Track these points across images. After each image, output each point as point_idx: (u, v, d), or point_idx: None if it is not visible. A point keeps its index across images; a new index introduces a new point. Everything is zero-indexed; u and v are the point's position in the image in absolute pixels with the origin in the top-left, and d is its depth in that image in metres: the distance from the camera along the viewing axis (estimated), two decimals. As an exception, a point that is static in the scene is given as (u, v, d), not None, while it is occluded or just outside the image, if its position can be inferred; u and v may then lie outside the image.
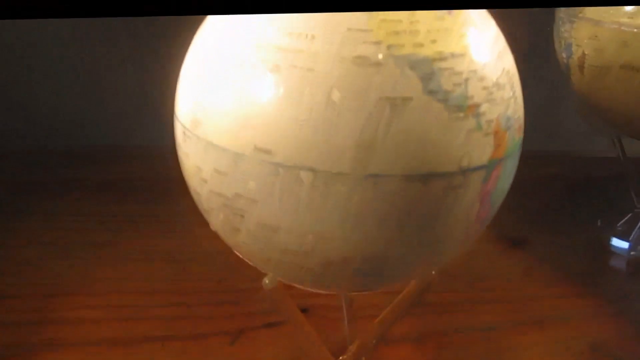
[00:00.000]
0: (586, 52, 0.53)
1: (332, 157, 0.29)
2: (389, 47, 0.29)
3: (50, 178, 0.69)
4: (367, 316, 0.41)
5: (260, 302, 0.39)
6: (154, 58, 0.72)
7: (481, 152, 0.31)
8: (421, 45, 0.30)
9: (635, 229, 0.60)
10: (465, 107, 0.30)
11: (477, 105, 0.31)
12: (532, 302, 0.54)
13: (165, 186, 0.38)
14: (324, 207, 0.30)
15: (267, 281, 0.36)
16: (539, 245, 0.61)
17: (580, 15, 0.53)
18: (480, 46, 0.32)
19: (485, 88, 0.31)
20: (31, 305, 0.50)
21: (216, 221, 0.33)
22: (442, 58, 0.30)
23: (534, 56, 0.69)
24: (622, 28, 0.50)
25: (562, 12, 0.56)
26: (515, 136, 0.33)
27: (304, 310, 0.49)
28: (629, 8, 0.50)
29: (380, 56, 0.29)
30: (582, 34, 0.53)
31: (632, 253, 0.60)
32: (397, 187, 0.30)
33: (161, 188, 0.39)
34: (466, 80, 0.30)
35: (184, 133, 0.32)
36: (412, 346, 0.48)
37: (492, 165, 0.32)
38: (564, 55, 0.56)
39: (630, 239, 0.60)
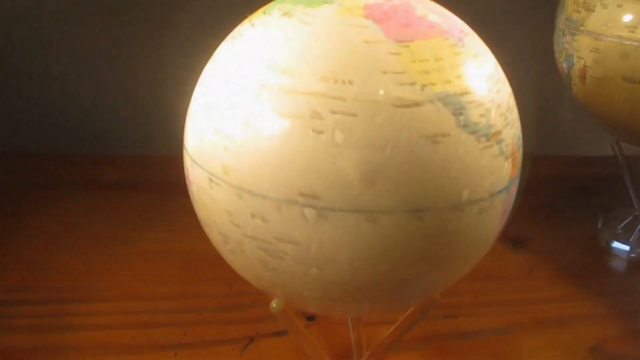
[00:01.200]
0: (587, 64, 0.53)
1: (378, 197, 0.29)
2: (423, 87, 0.30)
3: (64, 181, 0.69)
4: (373, 323, 0.42)
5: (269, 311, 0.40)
6: (169, 67, 0.72)
7: (504, 174, 0.32)
8: (449, 82, 0.30)
9: (636, 232, 0.61)
10: (490, 136, 0.31)
11: (499, 132, 0.32)
12: (534, 304, 0.54)
13: (178, 189, 0.38)
14: (372, 244, 0.30)
15: (274, 305, 0.36)
16: (540, 246, 0.62)
17: (582, 28, 0.53)
18: (491, 75, 0.33)
19: (502, 115, 0.32)
20: (42, 311, 0.50)
21: (241, 259, 0.33)
22: (467, 92, 0.31)
23: (534, 58, 0.69)
24: (623, 41, 0.50)
25: (562, 24, 0.56)
26: (521, 151, 0.35)
27: (310, 319, 0.50)
28: (629, 21, 0.50)
29: (418, 96, 0.29)
30: (583, 46, 0.53)
31: (632, 255, 0.60)
32: (441, 219, 0.30)
33: (174, 191, 0.39)
34: (488, 110, 0.31)
35: (210, 180, 0.31)
36: (417, 351, 0.48)
37: (510, 184, 0.33)
38: (564, 65, 0.56)
39: (630, 241, 0.61)
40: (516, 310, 0.53)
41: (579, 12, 0.53)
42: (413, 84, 0.29)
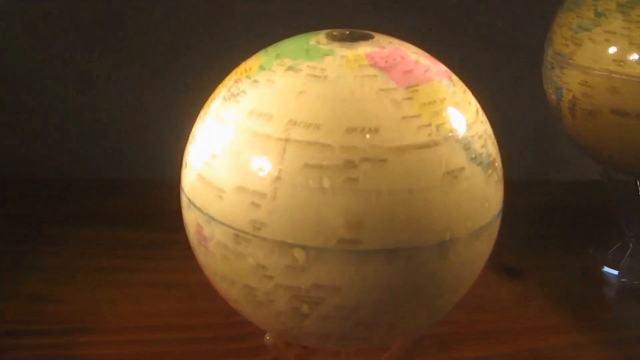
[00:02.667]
0: (577, 97, 0.53)
1: (414, 232, 0.30)
2: (437, 127, 0.31)
3: (66, 211, 0.69)
4: (366, 353, 0.42)
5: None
6: (169, 95, 0.72)
7: (500, 197, 0.35)
8: (455, 120, 0.32)
9: (625, 257, 0.61)
10: (490, 164, 0.33)
11: (495, 160, 0.34)
12: (527, 334, 0.54)
13: (176, 218, 0.38)
14: (404, 281, 0.31)
15: (268, 337, 0.37)
16: (535, 275, 0.61)
17: (570, 61, 0.53)
18: (478, 107, 0.35)
19: (493, 143, 0.35)
20: (45, 342, 0.50)
21: (267, 309, 0.33)
22: (470, 127, 0.33)
23: (523, 87, 0.69)
24: (612, 75, 0.51)
25: (551, 57, 0.56)
26: None
27: (305, 347, 0.50)
28: (617, 55, 0.50)
29: (436, 137, 0.31)
30: (572, 80, 0.53)
31: (622, 280, 0.60)
32: (466, 246, 0.32)
33: (173, 220, 0.39)
34: (485, 140, 0.34)
35: (237, 236, 0.31)
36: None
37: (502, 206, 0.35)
38: (554, 97, 0.56)
39: (620, 266, 0.61)
40: (509, 339, 0.53)
41: (567, 45, 0.54)
42: (429, 125, 0.31)
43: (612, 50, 0.51)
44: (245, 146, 0.31)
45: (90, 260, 0.61)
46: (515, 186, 0.39)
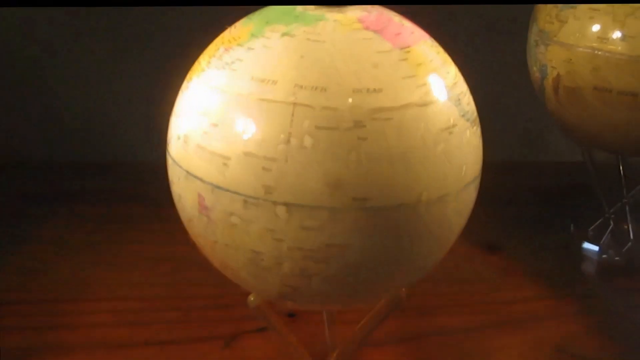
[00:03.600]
0: (561, 74, 0.53)
1: (417, 187, 0.31)
2: (432, 86, 0.32)
3: (54, 188, 0.70)
4: (348, 321, 0.42)
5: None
6: (161, 74, 0.72)
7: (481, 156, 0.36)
8: (445, 78, 0.33)
9: (606, 234, 0.61)
10: (474, 120, 0.35)
11: (476, 116, 0.35)
12: (507, 305, 0.54)
13: (162, 195, 0.38)
14: (403, 235, 0.32)
15: (252, 298, 0.37)
16: (515, 250, 0.62)
17: (555, 39, 0.53)
18: (455, 67, 0.36)
19: (472, 100, 0.36)
20: (36, 310, 0.51)
21: (273, 275, 0.33)
22: (456, 84, 0.34)
23: (508, 69, 0.70)
24: (595, 52, 0.51)
25: (535, 35, 0.56)
26: None
27: (291, 315, 0.51)
28: (600, 33, 0.51)
29: (432, 95, 0.32)
30: (556, 57, 0.53)
31: (603, 256, 0.61)
32: (472, 192, 0.35)
33: (159, 196, 0.39)
34: (469, 97, 0.35)
35: (246, 201, 0.31)
36: (392, 348, 0.49)
37: None
38: (538, 75, 0.56)
39: (600, 243, 0.61)
40: (488, 310, 0.53)
41: (552, 23, 0.54)
42: (424, 84, 0.32)
43: (596, 27, 0.51)
44: (252, 112, 0.31)
45: (79, 234, 0.61)
46: (500, 167, 0.40)
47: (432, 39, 0.35)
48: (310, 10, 0.33)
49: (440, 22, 0.43)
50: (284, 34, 0.32)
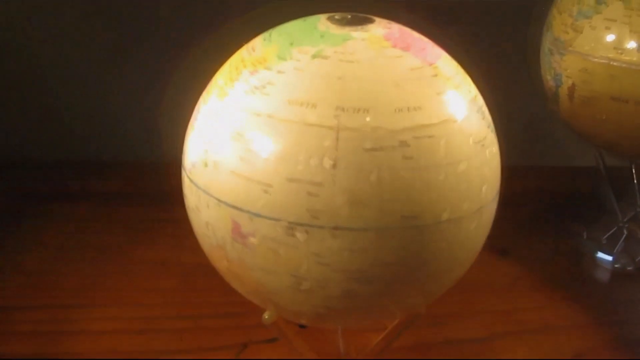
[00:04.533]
0: (576, 83, 0.52)
1: (459, 201, 0.32)
2: (462, 99, 0.33)
3: (65, 190, 0.69)
4: (362, 332, 0.42)
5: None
6: (163, 75, 0.71)
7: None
8: (469, 91, 0.34)
9: (620, 242, 0.60)
10: (494, 130, 0.36)
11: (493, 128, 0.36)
12: (518, 313, 0.53)
13: (174, 197, 0.37)
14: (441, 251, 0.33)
15: (266, 316, 0.36)
16: (526, 256, 0.61)
17: (570, 48, 0.52)
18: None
19: (487, 111, 0.36)
20: (41, 317, 0.50)
21: (312, 297, 0.33)
22: (476, 96, 0.35)
23: (520, 73, 0.69)
24: (611, 62, 0.50)
25: (550, 43, 0.55)
26: None
27: (302, 327, 0.50)
28: (617, 43, 0.50)
29: (464, 109, 0.33)
30: (571, 66, 0.52)
31: (616, 265, 0.60)
32: (496, 202, 0.35)
33: (170, 199, 0.39)
34: (484, 107, 0.36)
35: (290, 228, 0.30)
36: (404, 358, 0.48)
37: None
38: (552, 83, 0.55)
39: (614, 251, 0.60)
40: (500, 319, 0.52)
41: (567, 32, 0.53)
42: (456, 99, 0.33)
43: (612, 37, 0.50)
44: (293, 137, 0.30)
45: (89, 238, 0.60)
46: (512, 171, 0.39)
47: (445, 52, 0.35)
48: (333, 29, 0.33)
49: (441, 24, 0.42)
50: (315, 56, 0.31)
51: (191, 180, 0.34)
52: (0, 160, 0.70)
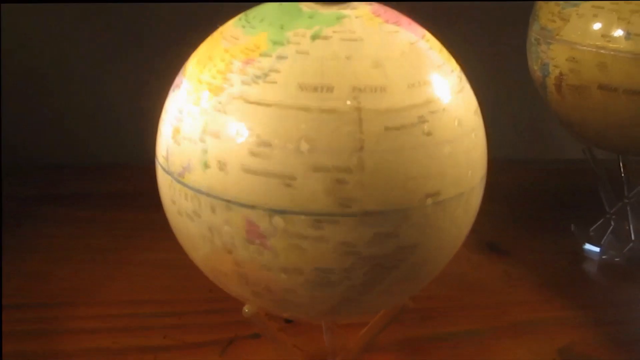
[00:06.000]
0: (564, 73, 0.51)
1: (468, 173, 0.31)
2: (456, 71, 0.33)
3: (55, 193, 0.68)
4: (348, 326, 0.40)
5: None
6: (160, 78, 0.70)
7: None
8: (456, 66, 0.34)
9: (607, 234, 0.59)
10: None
11: None
12: (508, 308, 0.52)
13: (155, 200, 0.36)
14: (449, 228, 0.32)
15: (246, 310, 0.34)
16: (516, 251, 0.60)
17: (557, 37, 0.51)
18: None
19: None
20: (34, 316, 0.49)
21: (335, 290, 0.31)
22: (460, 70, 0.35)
23: (508, 65, 0.68)
24: (599, 50, 0.49)
25: (536, 33, 0.54)
26: None
27: (288, 321, 0.48)
28: (605, 31, 0.49)
29: (462, 81, 0.33)
30: (559, 55, 0.51)
31: (603, 257, 0.59)
32: (479, 191, 0.33)
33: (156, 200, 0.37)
34: None
35: (318, 221, 0.28)
36: (392, 354, 0.47)
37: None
38: (540, 74, 0.54)
39: (601, 243, 0.59)
40: (490, 313, 0.51)
41: (554, 21, 0.51)
42: (453, 71, 0.32)
43: (600, 25, 0.49)
44: (313, 123, 0.28)
45: (83, 240, 0.59)
46: (500, 165, 0.38)
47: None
48: (319, 9, 0.31)
49: (438, 18, 0.41)
50: (313, 37, 0.30)
51: (185, 185, 0.31)
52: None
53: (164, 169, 0.32)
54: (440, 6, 0.71)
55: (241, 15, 0.33)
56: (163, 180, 0.33)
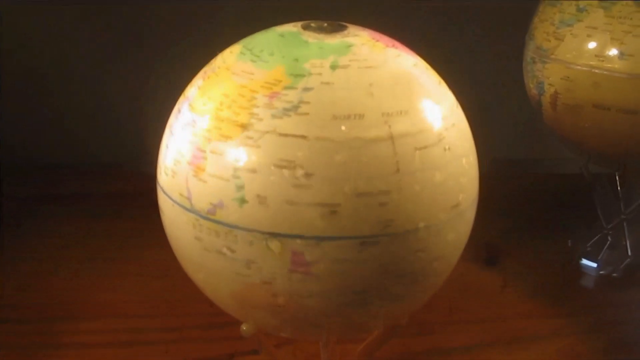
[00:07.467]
0: (558, 91, 0.51)
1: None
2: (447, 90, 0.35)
3: (51, 196, 0.68)
4: (345, 342, 0.40)
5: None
6: (157, 81, 0.70)
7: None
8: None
9: (604, 249, 0.59)
10: None
11: None
12: (505, 321, 0.52)
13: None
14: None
15: (244, 328, 0.34)
16: (513, 264, 0.60)
17: (552, 56, 0.51)
18: None
19: None
20: (31, 329, 0.49)
21: (374, 307, 0.32)
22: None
23: (504, 79, 0.67)
24: (593, 70, 0.49)
25: (532, 52, 0.54)
26: None
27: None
28: (598, 51, 0.49)
29: (454, 98, 0.35)
30: (554, 74, 0.51)
31: (600, 272, 0.59)
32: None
33: (157, 211, 0.37)
34: None
35: (363, 243, 0.29)
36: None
37: None
38: (535, 92, 0.54)
39: (599, 258, 0.59)
40: (488, 327, 0.51)
41: (549, 41, 0.52)
42: (447, 90, 0.34)
43: (594, 45, 0.49)
44: (352, 151, 0.29)
45: (75, 251, 0.59)
46: (497, 178, 0.38)
47: None
48: (324, 39, 0.31)
49: (438, 19, 0.41)
50: (332, 67, 0.30)
51: (216, 222, 0.30)
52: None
53: (185, 208, 0.31)
54: (440, 6, 0.71)
55: (241, 49, 0.32)
56: (184, 219, 0.32)
